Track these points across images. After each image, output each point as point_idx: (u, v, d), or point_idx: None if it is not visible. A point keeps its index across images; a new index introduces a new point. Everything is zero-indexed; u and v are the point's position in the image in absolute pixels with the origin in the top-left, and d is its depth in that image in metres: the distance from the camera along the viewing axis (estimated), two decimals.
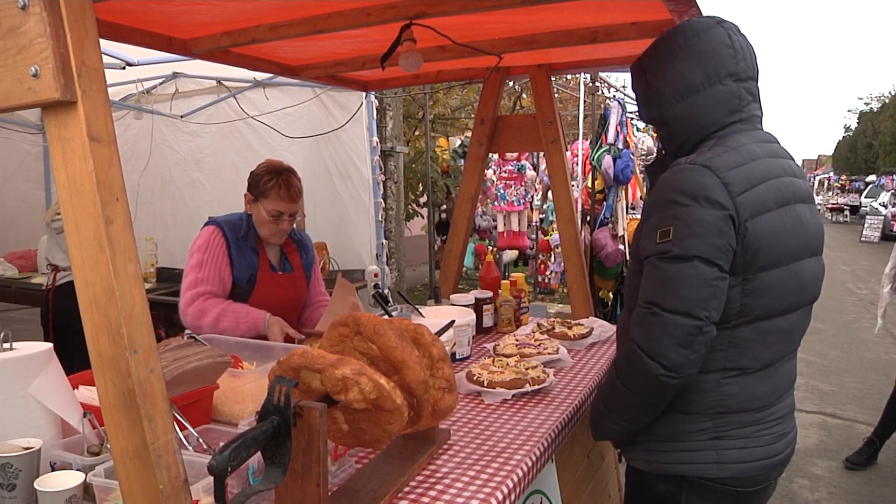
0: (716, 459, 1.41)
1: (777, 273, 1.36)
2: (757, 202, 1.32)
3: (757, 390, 1.42)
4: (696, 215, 1.29)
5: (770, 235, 1.33)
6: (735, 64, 1.39)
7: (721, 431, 1.41)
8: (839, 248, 17.26)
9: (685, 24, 1.47)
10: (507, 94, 11.62)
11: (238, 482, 1.25)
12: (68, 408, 1.39)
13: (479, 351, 2.46)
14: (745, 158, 1.35)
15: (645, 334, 1.34)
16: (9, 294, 4.68)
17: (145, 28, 2.02)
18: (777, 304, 1.38)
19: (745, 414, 1.41)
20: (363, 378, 1.19)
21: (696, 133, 1.42)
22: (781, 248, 1.36)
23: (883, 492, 3.68)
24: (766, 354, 1.41)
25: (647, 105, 1.50)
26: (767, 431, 1.44)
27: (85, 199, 0.89)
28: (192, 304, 2.31)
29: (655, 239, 1.35)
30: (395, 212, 6.48)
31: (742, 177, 1.32)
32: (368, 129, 4.73)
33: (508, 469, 1.47)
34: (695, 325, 1.29)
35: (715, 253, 1.29)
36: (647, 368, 1.33)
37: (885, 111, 33.60)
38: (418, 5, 1.78)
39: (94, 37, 0.90)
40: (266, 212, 2.39)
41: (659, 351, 1.31)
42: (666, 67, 1.43)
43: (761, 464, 1.43)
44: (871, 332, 7.48)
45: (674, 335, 1.30)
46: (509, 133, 3.06)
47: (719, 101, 1.40)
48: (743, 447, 1.41)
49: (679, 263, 1.30)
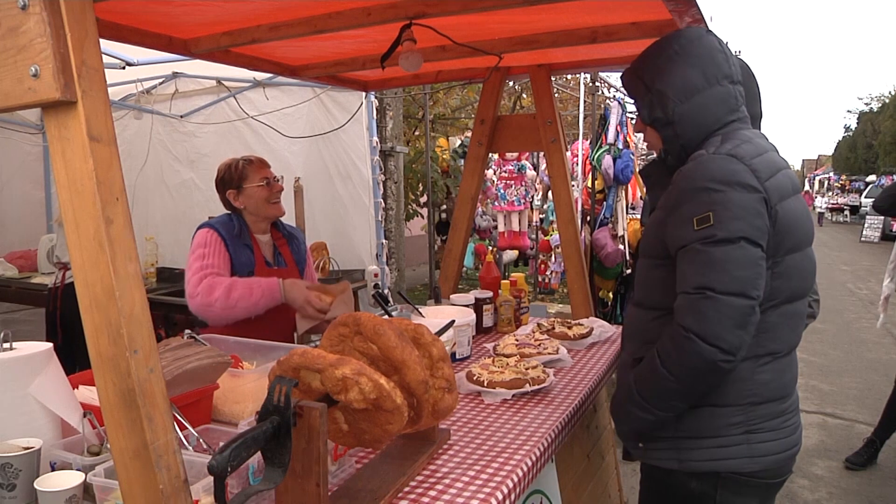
0: (749, 454, 1.43)
1: (799, 256, 1.43)
2: (780, 188, 1.39)
3: (784, 377, 1.47)
4: (735, 199, 1.33)
5: (794, 219, 1.41)
6: (729, 67, 1.49)
7: (753, 425, 1.44)
8: (839, 248, 17.25)
9: (677, 32, 1.55)
10: (507, 94, 11.62)
11: (238, 482, 1.25)
12: (68, 408, 1.39)
13: (479, 351, 2.46)
14: (760, 150, 1.42)
15: (700, 319, 1.33)
16: (9, 294, 4.68)
17: (145, 28, 2.02)
18: (799, 287, 1.45)
19: (774, 404, 1.45)
20: (363, 378, 1.19)
21: (702, 130, 1.48)
22: (801, 231, 1.44)
23: (883, 492, 3.68)
24: (791, 338, 1.47)
25: (650, 107, 1.54)
26: (790, 422, 1.49)
27: (85, 199, 0.89)
28: (199, 284, 2.32)
29: (693, 227, 1.36)
30: (395, 212, 6.48)
31: (764, 165, 1.39)
32: (368, 129, 4.73)
33: (508, 469, 1.47)
34: (749, 304, 1.32)
35: (757, 234, 1.34)
36: (704, 355, 1.32)
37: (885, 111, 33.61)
38: (418, 5, 1.78)
39: (94, 37, 0.90)
40: (256, 185, 2.48)
41: (718, 335, 1.31)
42: (666, 71, 1.49)
43: (787, 454, 1.48)
44: (871, 332, 7.49)
45: (731, 317, 1.31)
46: (509, 133, 3.06)
47: (720, 100, 1.48)
48: (773, 439, 1.45)
49: (726, 246, 1.32)
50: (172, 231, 5.48)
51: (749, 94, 2.09)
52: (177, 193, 5.58)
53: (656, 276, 1.50)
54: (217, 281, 2.32)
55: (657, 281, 1.50)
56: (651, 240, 1.54)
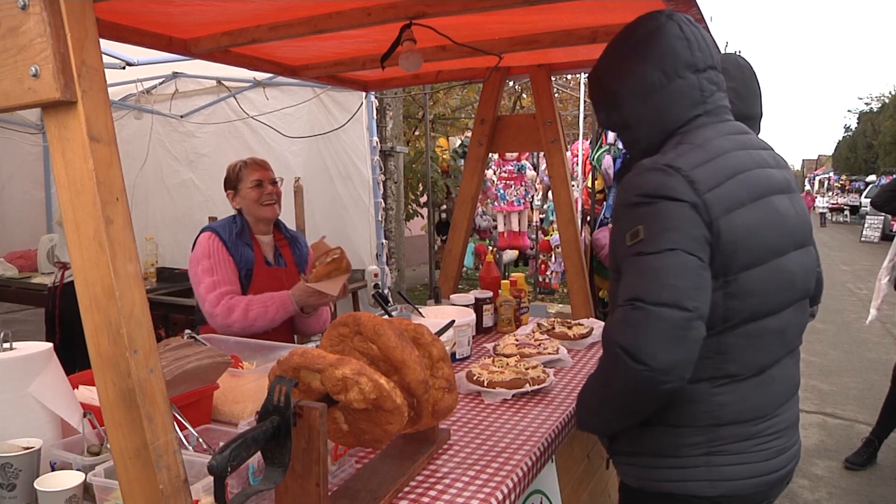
0: (708, 476, 1.31)
1: (760, 271, 1.28)
2: (727, 198, 1.25)
3: (752, 399, 1.33)
4: (664, 211, 1.23)
5: (746, 232, 1.26)
6: (691, 55, 1.34)
7: (714, 446, 1.31)
8: (839, 248, 17.25)
9: (635, 23, 1.40)
10: (507, 94, 11.63)
11: (238, 482, 1.26)
12: (68, 408, 1.39)
13: (479, 351, 2.46)
14: (711, 154, 1.29)
15: (628, 333, 1.20)
16: (9, 294, 4.68)
17: (145, 28, 2.02)
18: (764, 304, 1.30)
19: (740, 426, 1.32)
20: (363, 378, 1.19)
21: (661, 132, 1.37)
22: (761, 244, 1.28)
23: (883, 492, 3.68)
24: (758, 359, 1.32)
25: (606, 110, 1.45)
26: (765, 446, 1.34)
27: (85, 199, 0.89)
28: (218, 304, 2.38)
29: (626, 242, 1.27)
30: (395, 212, 6.48)
31: (709, 174, 1.25)
32: (368, 129, 4.73)
33: (508, 469, 1.47)
34: (683, 317, 1.17)
35: (692, 244, 1.21)
36: (631, 373, 1.19)
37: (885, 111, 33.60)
38: (418, 5, 1.78)
39: (95, 37, 0.90)
40: (248, 188, 2.52)
41: (645, 351, 1.17)
42: (622, 70, 1.38)
43: (757, 481, 1.34)
44: (871, 332, 7.49)
45: (663, 330, 1.17)
46: (509, 133, 3.06)
47: (680, 95, 1.34)
48: (738, 463, 1.32)
49: (657, 255, 1.21)
50: (172, 231, 5.48)
51: (749, 92, 2.09)
52: (177, 193, 5.58)
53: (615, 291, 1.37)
54: (234, 302, 2.38)
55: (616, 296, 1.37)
56: (610, 253, 1.43)
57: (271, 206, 2.57)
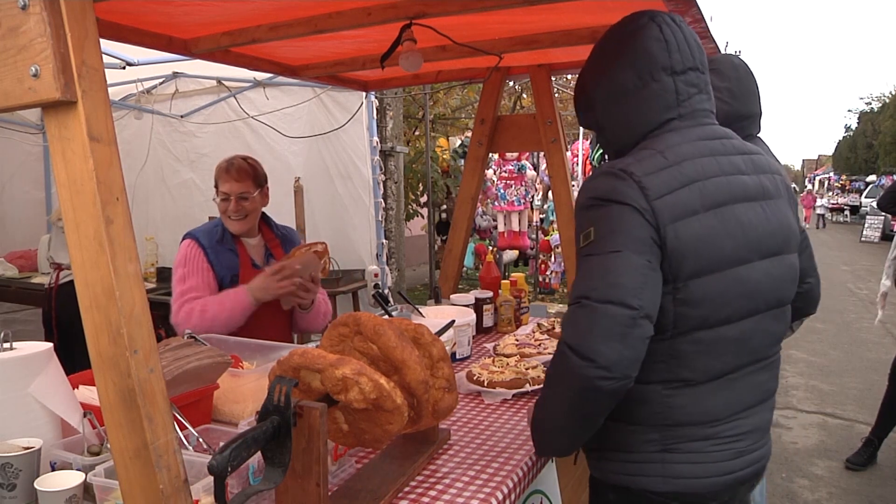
0: (662, 473, 1.32)
1: (712, 279, 1.26)
2: (678, 206, 1.24)
3: (707, 403, 1.32)
4: (614, 214, 1.24)
5: (696, 240, 1.24)
6: (668, 57, 1.32)
7: (670, 444, 1.32)
8: (839, 248, 17.26)
9: (619, 24, 1.41)
10: (507, 94, 11.63)
11: (238, 482, 1.26)
12: (68, 408, 1.39)
13: (479, 351, 2.46)
14: (669, 162, 1.27)
15: (574, 331, 1.22)
16: (9, 294, 4.68)
17: (145, 28, 2.02)
18: (718, 313, 1.28)
19: (696, 428, 1.32)
20: (363, 378, 1.19)
21: (631, 136, 1.37)
22: (713, 252, 1.26)
23: (883, 492, 3.68)
24: (713, 366, 1.31)
25: (584, 110, 1.47)
26: (724, 447, 1.34)
27: (85, 199, 0.89)
28: (178, 312, 2.30)
29: (580, 244, 1.29)
30: (395, 212, 6.48)
31: (660, 181, 1.25)
32: (368, 129, 4.74)
33: (508, 469, 1.47)
34: (628, 314, 1.18)
35: (640, 246, 1.21)
36: (577, 370, 1.20)
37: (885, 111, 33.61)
38: (418, 5, 1.78)
39: (95, 37, 0.90)
40: (219, 199, 2.42)
41: (590, 346, 1.18)
42: (601, 73, 1.39)
43: (712, 481, 1.33)
44: (871, 332, 7.49)
45: (607, 327, 1.18)
46: (509, 133, 3.06)
47: (653, 98, 1.33)
48: (692, 462, 1.32)
49: (604, 256, 1.23)
50: (172, 231, 5.46)
51: (745, 91, 2.09)
52: (177, 193, 5.58)
53: None
54: (191, 307, 2.28)
55: None
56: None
57: (238, 221, 2.42)
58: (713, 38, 1.95)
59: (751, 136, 2.09)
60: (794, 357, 6.55)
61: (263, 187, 2.49)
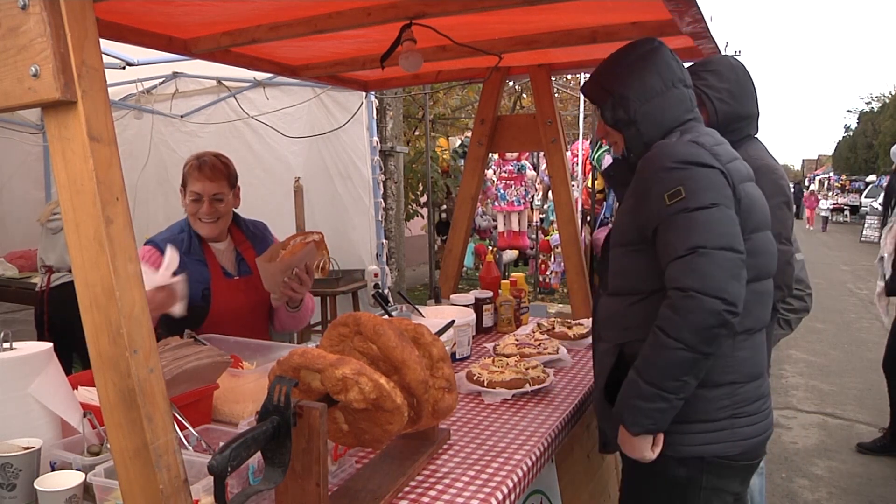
0: (731, 438, 1.49)
1: (762, 236, 1.54)
2: (739, 172, 1.50)
3: (758, 355, 1.54)
4: (701, 174, 1.43)
5: (754, 201, 1.52)
6: (682, 73, 1.62)
7: (737, 408, 1.50)
8: (839, 248, 17.24)
9: (633, 44, 1.66)
10: (507, 94, 11.62)
11: (238, 482, 1.26)
12: (68, 408, 1.39)
13: (479, 351, 2.46)
14: (719, 141, 1.55)
15: (698, 276, 1.36)
16: (9, 294, 4.68)
17: (145, 28, 2.02)
18: (766, 266, 1.55)
19: (753, 385, 1.52)
20: (363, 378, 1.19)
21: (662, 128, 1.58)
22: (762, 214, 1.54)
23: (883, 492, 3.68)
24: (763, 315, 1.55)
25: (613, 109, 1.62)
26: (765, 406, 1.58)
27: (85, 199, 0.89)
28: None
29: (665, 203, 1.42)
30: (395, 212, 6.48)
31: (723, 152, 1.51)
32: (368, 129, 4.74)
33: (508, 469, 1.47)
34: (740, 257, 1.38)
35: (727, 201, 1.42)
36: (709, 307, 1.34)
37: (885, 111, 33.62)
38: (418, 5, 1.78)
39: (95, 37, 0.90)
40: (188, 198, 2.22)
41: (718, 286, 1.34)
42: (627, 77, 1.59)
43: (762, 438, 1.55)
44: (871, 332, 7.49)
45: (727, 269, 1.36)
46: (509, 133, 3.06)
47: (678, 101, 1.59)
48: (752, 423, 1.52)
49: (703, 210, 1.39)
50: None
51: (743, 92, 2.10)
52: (178, 193, 5.57)
53: (630, 263, 1.57)
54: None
55: (631, 267, 1.56)
56: (623, 228, 1.60)
57: (210, 224, 2.22)
58: (713, 38, 1.95)
59: (749, 136, 2.10)
60: (794, 357, 6.55)
61: (236, 188, 2.30)
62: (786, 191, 1.97)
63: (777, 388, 5.37)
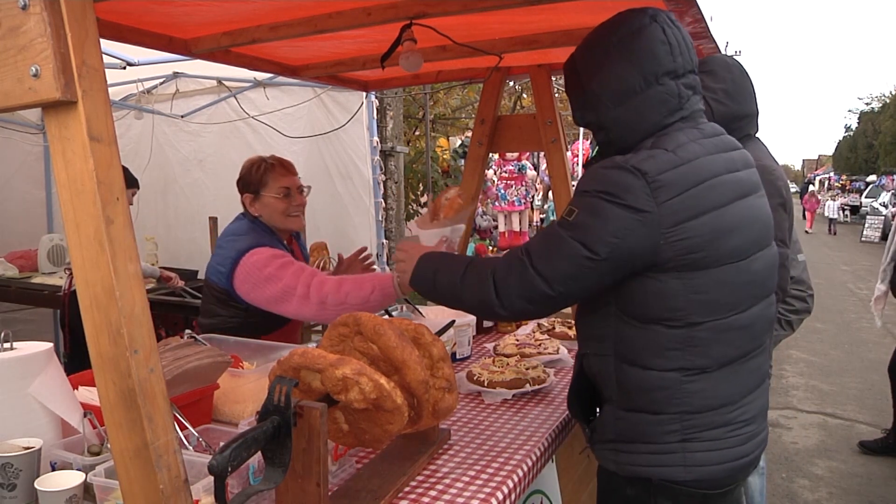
0: (683, 462, 1.37)
1: (724, 272, 1.32)
2: (693, 205, 1.28)
3: (720, 389, 1.37)
4: (605, 210, 1.28)
5: (711, 235, 1.29)
6: (672, 61, 1.34)
7: (689, 434, 1.36)
8: (839, 248, 17.24)
9: (617, 20, 1.39)
10: (507, 94, 11.63)
11: (238, 482, 1.26)
12: (68, 408, 1.39)
13: (479, 351, 2.46)
14: (682, 160, 1.30)
15: (505, 275, 1.37)
16: (9, 294, 4.67)
17: (145, 28, 2.02)
18: (729, 303, 1.35)
19: (712, 413, 1.37)
20: (363, 378, 1.19)
21: (636, 136, 1.37)
22: (725, 247, 1.32)
23: (883, 492, 3.68)
24: (727, 352, 1.37)
25: (583, 108, 1.45)
26: (737, 433, 1.39)
27: (85, 199, 0.89)
28: (308, 285, 2.01)
29: (563, 214, 1.36)
30: (395, 212, 6.48)
31: (676, 179, 1.28)
32: (368, 129, 4.73)
33: (508, 469, 1.47)
34: (548, 293, 1.33)
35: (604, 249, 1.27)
36: (488, 298, 1.37)
37: (885, 111, 33.62)
38: (418, 5, 1.78)
39: (95, 37, 0.90)
40: (273, 195, 2.25)
41: (507, 294, 1.36)
42: (602, 69, 1.37)
43: (729, 466, 1.39)
44: (871, 332, 7.49)
45: (526, 290, 1.34)
46: (509, 133, 3.06)
47: (658, 102, 1.35)
48: (711, 449, 1.37)
49: (565, 234, 1.31)
50: (173, 231, 5.47)
51: (740, 91, 2.09)
52: (179, 193, 5.58)
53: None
54: (322, 278, 2.04)
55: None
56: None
57: (298, 217, 2.30)
58: (713, 38, 1.95)
59: (748, 135, 2.10)
60: (794, 357, 6.55)
61: None
62: (782, 192, 1.97)
63: (777, 388, 5.38)
